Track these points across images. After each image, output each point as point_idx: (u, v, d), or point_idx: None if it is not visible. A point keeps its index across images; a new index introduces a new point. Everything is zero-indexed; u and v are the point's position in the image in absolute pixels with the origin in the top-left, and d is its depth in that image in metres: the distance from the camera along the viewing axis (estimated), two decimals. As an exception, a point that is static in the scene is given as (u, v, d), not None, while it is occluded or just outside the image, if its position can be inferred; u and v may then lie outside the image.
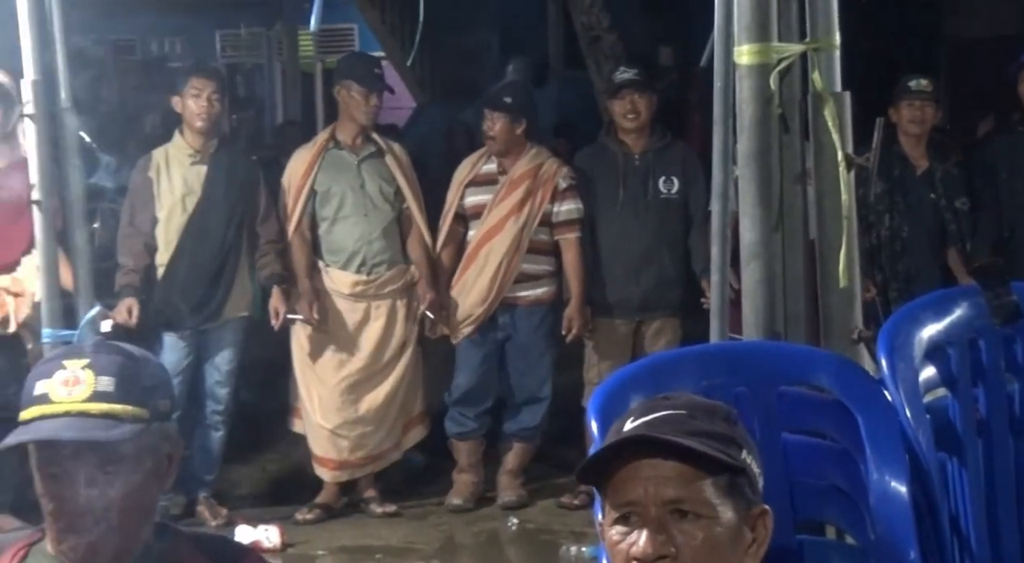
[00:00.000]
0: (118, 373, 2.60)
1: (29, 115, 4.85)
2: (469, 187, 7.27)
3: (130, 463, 2.60)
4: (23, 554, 2.68)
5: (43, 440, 2.56)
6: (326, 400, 7.20)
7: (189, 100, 6.91)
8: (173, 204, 6.93)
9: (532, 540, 7.04)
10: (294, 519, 7.15)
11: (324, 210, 7.13)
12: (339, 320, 7.17)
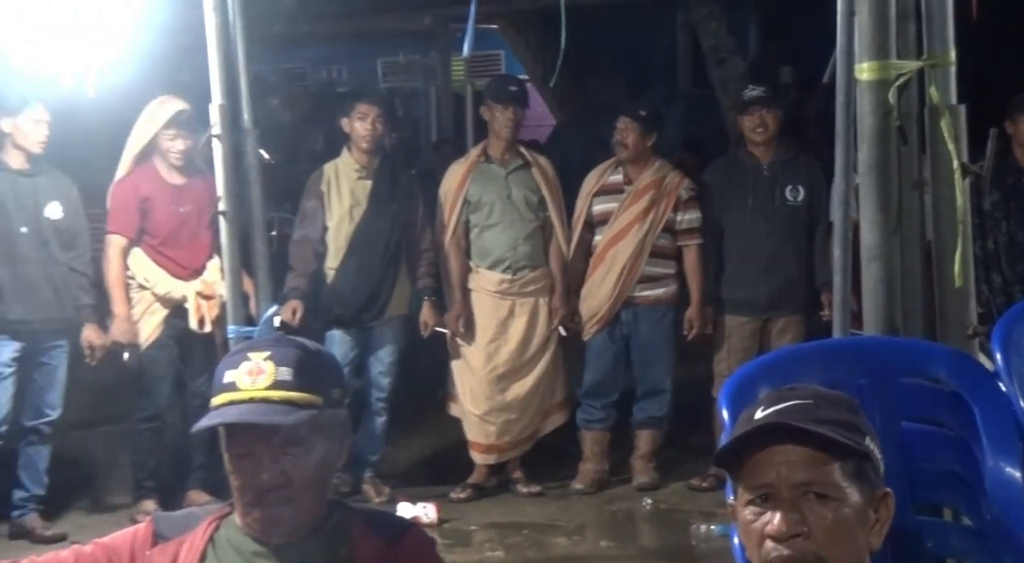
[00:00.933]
0: (296, 364, 2.63)
1: (216, 135, 4.90)
2: (596, 196, 7.23)
3: (307, 445, 2.62)
4: (216, 525, 2.71)
5: (230, 423, 2.59)
6: (476, 389, 7.23)
7: (356, 122, 6.97)
8: (342, 214, 6.98)
9: (665, 519, 6.99)
10: (449, 497, 7.16)
11: (475, 218, 7.14)
12: (487, 316, 7.17)
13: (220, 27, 4.82)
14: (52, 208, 6.56)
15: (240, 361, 2.62)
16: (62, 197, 6.63)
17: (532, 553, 6.49)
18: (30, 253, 6.50)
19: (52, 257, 6.57)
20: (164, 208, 6.77)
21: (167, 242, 6.81)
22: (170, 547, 2.70)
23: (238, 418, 2.57)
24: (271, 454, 2.59)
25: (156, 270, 6.79)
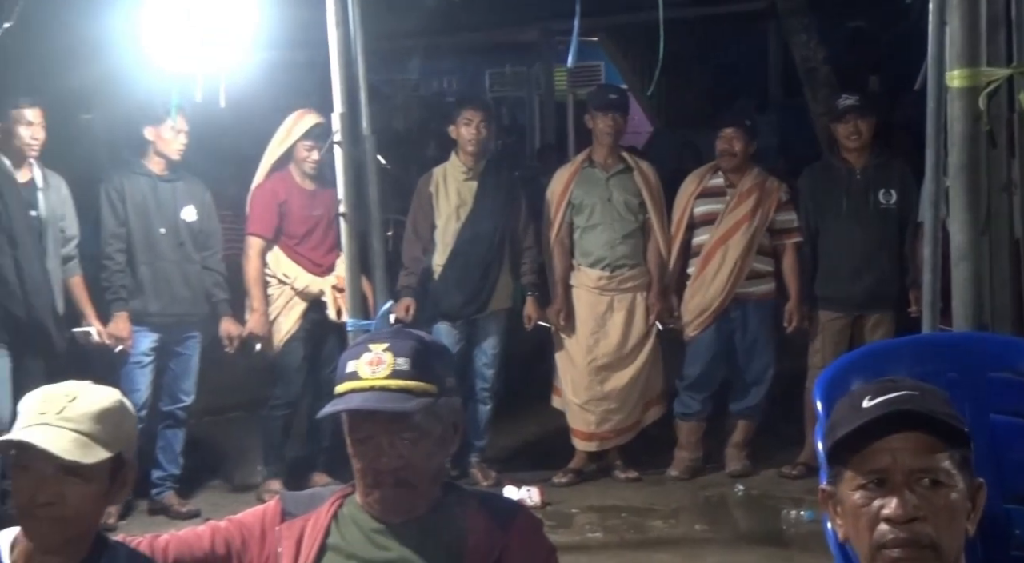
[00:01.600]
0: (413, 355, 2.64)
1: (338, 142, 4.92)
2: (698, 198, 7.19)
3: (423, 430, 2.63)
4: (339, 503, 2.74)
5: (353, 410, 2.60)
6: (577, 379, 7.22)
7: (462, 127, 7.01)
8: (449, 214, 7.02)
9: (756, 505, 6.93)
10: (552, 481, 7.18)
11: (578, 219, 7.13)
12: (588, 310, 7.15)
13: (342, 42, 4.85)
14: (188, 211, 6.69)
15: (361, 352, 2.65)
16: (197, 201, 6.75)
17: (630, 535, 6.47)
18: (168, 252, 6.62)
19: (187, 256, 6.69)
20: (299, 211, 6.88)
21: (302, 242, 6.93)
22: (297, 523, 2.73)
23: (360, 405, 2.60)
24: (390, 439, 2.61)
25: (295, 267, 6.91)
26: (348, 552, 2.67)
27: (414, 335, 2.74)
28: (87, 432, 2.48)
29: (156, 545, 2.78)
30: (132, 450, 2.62)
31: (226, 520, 2.83)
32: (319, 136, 6.65)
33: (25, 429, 2.49)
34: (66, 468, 2.45)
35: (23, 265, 6.21)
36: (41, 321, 6.27)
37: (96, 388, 2.61)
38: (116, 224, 6.55)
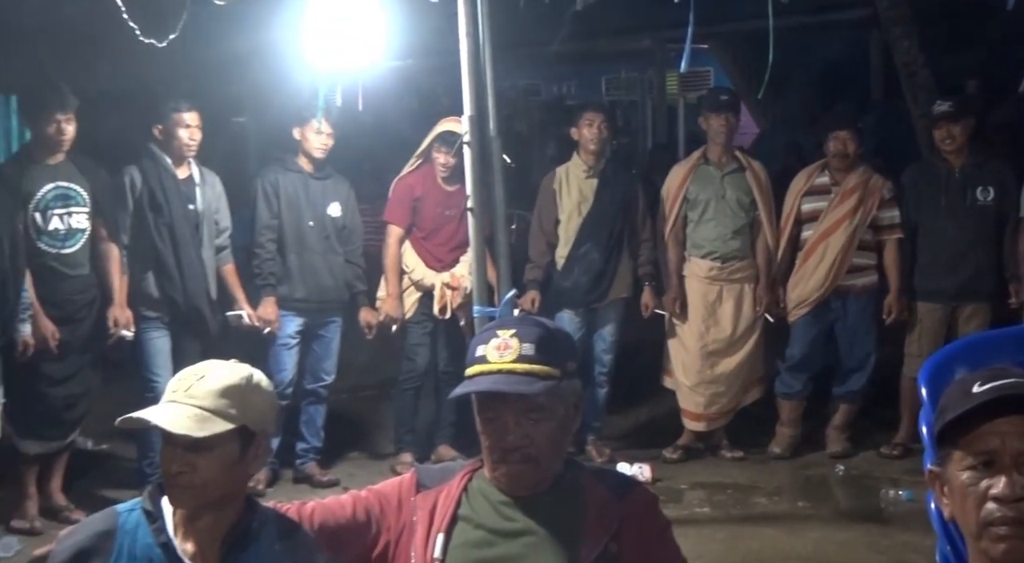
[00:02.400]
0: (537, 340, 2.66)
1: (467, 142, 4.95)
2: (805, 196, 7.13)
3: (546, 411, 2.65)
4: (469, 477, 2.76)
5: (482, 391, 2.63)
6: (688, 363, 7.20)
7: (584, 128, 7.02)
8: (571, 209, 7.03)
9: (856, 484, 6.87)
10: (663, 456, 7.18)
11: (692, 213, 7.11)
12: (699, 299, 7.13)
13: (471, 50, 4.87)
14: (334, 207, 6.81)
15: (490, 338, 2.67)
16: (342, 199, 6.86)
17: (736, 511, 6.44)
18: (314, 244, 6.73)
19: (331, 248, 6.80)
20: (432, 208, 6.95)
21: (429, 237, 6.99)
22: (431, 494, 2.76)
23: (488, 387, 2.61)
24: (516, 418, 2.63)
25: (416, 259, 6.98)
26: (477, 522, 2.69)
27: (539, 322, 2.75)
28: (208, 407, 2.51)
29: (303, 511, 2.83)
30: (263, 422, 2.62)
31: (366, 490, 2.87)
32: (449, 141, 6.68)
33: (155, 407, 2.55)
34: (193, 441, 2.49)
35: (181, 254, 6.35)
36: (197, 305, 6.41)
37: (226, 366, 2.63)
38: (270, 216, 6.68)
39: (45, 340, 5.98)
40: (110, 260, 6.24)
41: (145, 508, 2.62)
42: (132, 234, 6.34)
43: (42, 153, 6.08)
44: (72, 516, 6.09)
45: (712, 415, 7.22)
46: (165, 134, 6.36)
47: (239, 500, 2.64)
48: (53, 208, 6.03)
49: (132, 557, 2.56)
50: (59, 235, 6.07)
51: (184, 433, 2.48)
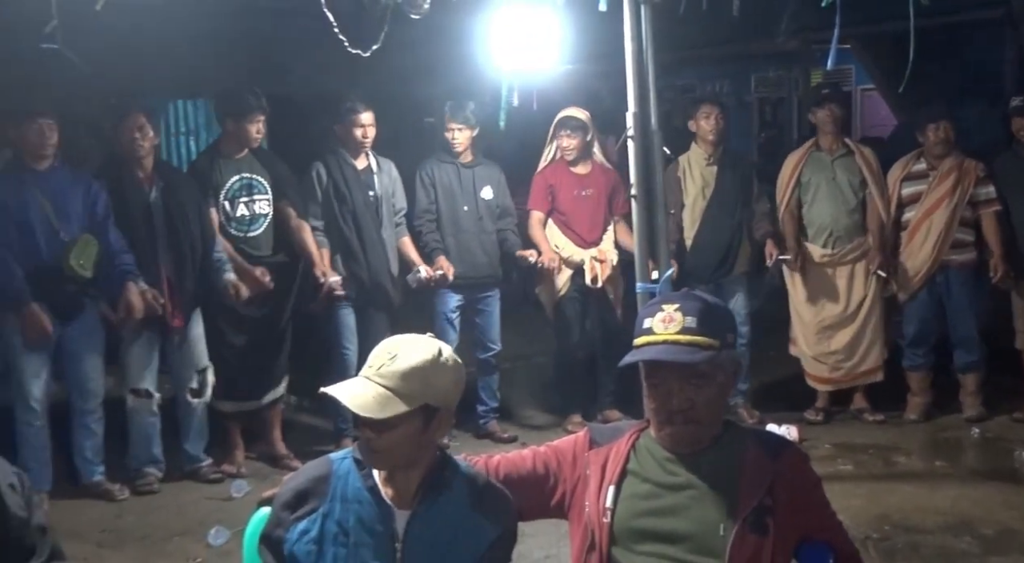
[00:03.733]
0: (699, 314, 2.65)
1: (631, 136, 4.92)
2: (904, 181, 7.00)
3: (707, 378, 2.64)
4: (637, 436, 2.77)
5: (648, 360, 2.63)
6: (807, 335, 7.16)
7: (701, 121, 7.01)
8: (696, 194, 7.00)
9: (990, 446, 6.67)
10: (805, 420, 7.06)
11: (805, 196, 7.05)
12: (814, 279, 7.08)
13: (636, 53, 4.84)
14: (486, 191, 6.89)
15: (656, 311, 2.67)
16: (493, 182, 6.93)
17: (877, 469, 6.31)
18: (469, 226, 6.81)
19: (484, 228, 6.87)
20: (567, 192, 6.98)
21: (571, 218, 7.00)
22: (602, 451, 2.77)
23: (654, 356, 2.61)
24: (679, 384, 2.62)
25: (564, 239, 7.00)
26: (644, 476, 2.70)
27: (701, 297, 2.74)
28: (393, 388, 2.53)
29: (490, 463, 2.87)
30: (446, 399, 2.61)
31: (544, 446, 2.90)
32: (573, 127, 6.87)
33: (349, 383, 2.59)
34: (376, 420, 2.52)
35: (364, 236, 6.48)
36: (380, 281, 6.53)
37: (417, 345, 2.61)
38: (428, 202, 6.78)
39: (258, 281, 6.17)
40: (303, 232, 6.39)
41: (355, 457, 2.69)
42: (321, 221, 6.47)
43: (230, 149, 6.29)
44: (291, 463, 6.29)
45: (837, 378, 7.14)
46: (344, 131, 6.49)
47: (430, 456, 2.68)
48: (239, 197, 6.27)
49: (344, 498, 2.63)
50: (244, 220, 6.30)
51: (367, 415, 2.52)
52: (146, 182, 6.01)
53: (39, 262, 5.65)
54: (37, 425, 5.76)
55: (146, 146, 5.98)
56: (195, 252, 6.05)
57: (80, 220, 5.77)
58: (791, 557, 2.68)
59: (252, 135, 6.29)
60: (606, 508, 2.67)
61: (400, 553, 2.58)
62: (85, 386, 5.92)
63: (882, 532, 5.34)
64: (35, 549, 2.73)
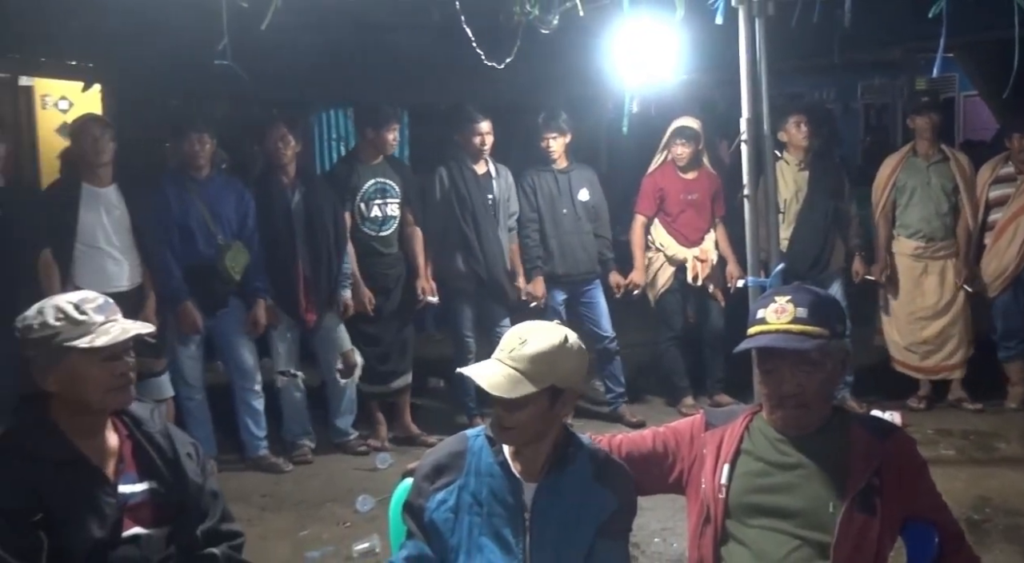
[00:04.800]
0: (810, 305, 2.61)
1: (745, 141, 4.85)
2: (992, 185, 6.77)
3: (817, 365, 2.60)
4: (750, 418, 2.74)
5: (762, 347, 2.60)
6: (899, 327, 6.97)
7: (791, 129, 6.85)
8: (790, 198, 6.85)
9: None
10: (908, 406, 6.89)
11: (900, 199, 6.86)
12: (906, 273, 6.89)
13: (750, 63, 4.77)
14: (582, 193, 6.85)
15: (769, 302, 2.64)
16: (588, 184, 6.90)
17: (978, 454, 6.12)
18: (569, 227, 6.77)
19: (581, 228, 6.81)
20: (675, 196, 6.93)
21: (676, 219, 6.95)
22: (717, 432, 2.75)
23: (768, 344, 2.58)
24: (791, 371, 2.59)
25: (669, 238, 6.96)
26: (757, 456, 2.67)
27: (812, 290, 2.70)
28: (522, 370, 2.54)
29: (612, 442, 2.87)
30: (571, 380, 2.61)
31: (664, 427, 2.89)
32: (688, 136, 6.82)
33: (483, 363, 2.61)
34: (507, 399, 2.54)
35: (482, 236, 6.52)
36: (496, 277, 6.56)
37: (546, 331, 2.62)
38: (530, 210, 6.75)
39: (363, 304, 6.29)
40: (416, 241, 6.50)
41: (487, 434, 2.71)
42: (444, 222, 6.52)
43: (368, 155, 6.40)
44: (426, 440, 6.37)
45: (927, 368, 6.96)
46: (464, 139, 6.54)
47: (556, 433, 2.68)
48: (373, 199, 6.38)
49: (478, 472, 2.66)
50: (377, 221, 6.40)
51: (499, 394, 2.54)
52: (289, 187, 6.17)
53: (195, 261, 5.87)
54: (197, 399, 6.01)
55: (288, 154, 6.14)
56: (330, 253, 6.21)
57: (232, 225, 5.98)
58: (897, 535, 2.62)
59: (389, 142, 6.42)
60: (721, 485, 2.65)
61: (528, 522, 2.60)
62: (242, 367, 6.10)
63: (983, 514, 5.19)
64: (209, 511, 2.82)
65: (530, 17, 4.98)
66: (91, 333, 2.61)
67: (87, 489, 2.62)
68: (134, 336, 2.66)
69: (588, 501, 2.62)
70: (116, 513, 2.64)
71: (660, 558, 4.79)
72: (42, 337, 2.61)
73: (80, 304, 2.64)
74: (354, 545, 4.94)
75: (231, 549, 2.84)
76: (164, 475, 2.74)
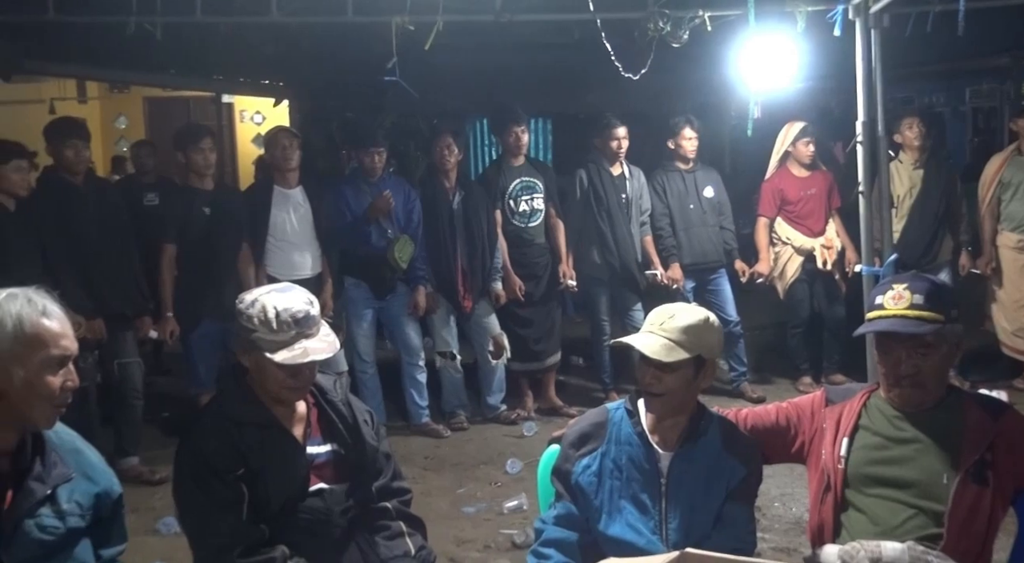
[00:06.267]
0: (925, 292, 2.52)
1: (860, 142, 4.69)
2: None
3: (932, 348, 2.52)
4: (868, 395, 2.67)
5: (879, 331, 2.53)
6: (1007, 315, 6.64)
7: (906, 131, 6.61)
8: (904, 193, 6.61)
9: None
10: (1014, 387, 6.56)
11: (1004, 195, 6.55)
12: (1010, 264, 6.57)
13: (865, 70, 4.61)
14: (708, 190, 6.74)
15: (887, 289, 2.56)
16: (712, 182, 6.79)
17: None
18: (696, 221, 6.66)
19: (707, 222, 6.70)
20: (795, 193, 6.76)
21: (799, 214, 6.77)
22: (836, 408, 2.68)
23: (886, 328, 2.50)
24: (907, 352, 2.51)
25: (794, 232, 6.78)
26: (874, 430, 2.59)
27: (927, 278, 2.60)
28: (674, 339, 2.54)
29: (739, 415, 2.82)
30: (712, 352, 2.61)
31: (786, 402, 2.83)
32: (809, 133, 6.68)
33: (636, 335, 2.60)
34: (662, 363, 2.53)
35: (616, 232, 6.49)
36: (628, 268, 6.51)
37: (690, 309, 2.65)
38: (662, 207, 6.67)
39: (514, 292, 6.32)
40: (559, 232, 6.51)
41: (627, 407, 2.69)
42: (582, 218, 6.50)
43: (510, 158, 6.44)
44: (568, 411, 6.38)
45: None
46: (602, 143, 6.51)
47: (693, 405, 2.66)
48: (521, 196, 6.42)
49: (618, 441, 2.64)
50: (525, 215, 6.43)
51: (657, 358, 2.53)
52: (451, 190, 6.27)
53: (368, 251, 6.02)
54: (370, 372, 6.16)
55: (451, 161, 6.24)
56: (484, 249, 6.29)
57: (400, 222, 6.10)
58: (1009, 504, 2.51)
59: (523, 142, 6.43)
60: (840, 456, 2.58)
61: (664, 487, 2.58)
62: (408, 345, 6.21)
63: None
64: (383, 470, 2.88)
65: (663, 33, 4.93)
66: (278, 347, 2.58)
67: (281, 450, 2.69)
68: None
69: (719, 469, 2.59)
70: (304, 471, 2.71)
71: (780, 520, 4.69)
72: (243, 326, 2.63)
73: (282, 313, 2.59)
74: (504, 502, 4.98)
75: (400, 504, 2.90)
76: (345, 438, 2.80)
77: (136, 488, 5.11)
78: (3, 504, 2.15)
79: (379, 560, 2.77)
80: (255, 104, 12.37)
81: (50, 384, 2.16)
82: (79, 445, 2.35)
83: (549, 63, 7.06)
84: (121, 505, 2.40)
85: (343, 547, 2.76)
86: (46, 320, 2.17)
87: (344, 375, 5.64)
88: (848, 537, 2.48)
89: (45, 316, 2.17)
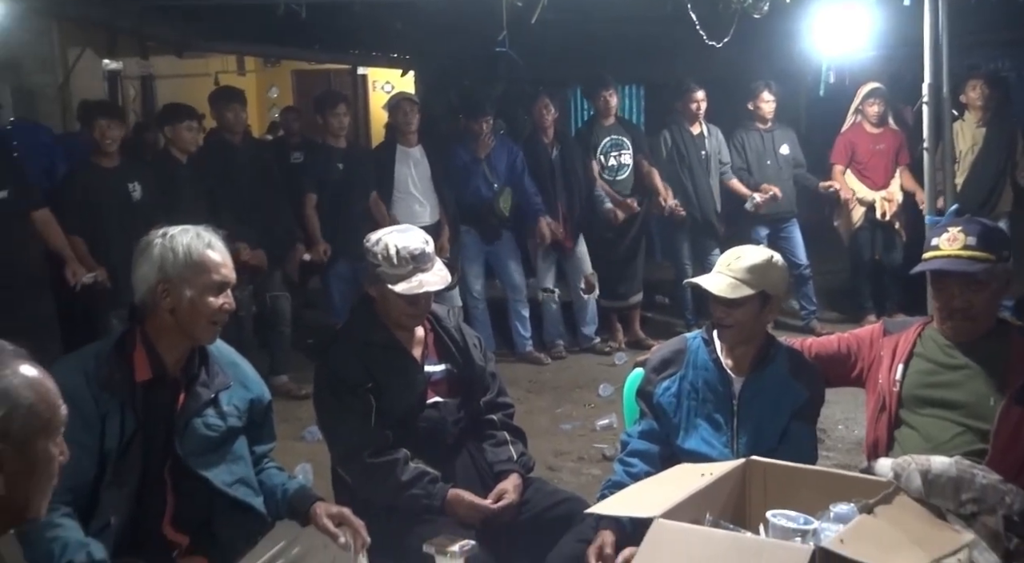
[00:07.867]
0: (978, 234, 2.43)
1: (926, 102, 4.48)
2: None
3: (983, 285, 2.43)
4: (923, 327, 2.59)
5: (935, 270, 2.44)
6: None
7: (969, 92, 6.27)
8: (966, 150, 6.28)
9: None
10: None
11: None
12: None
13: (932, 38, 4.39)
14: (784, 148, 6.62)
15: (942, 232, 2.47)
16: (789, 141, 6.68)
17: None
18: (772, 175, 6.52)
19: (782, 176, 6.58)
20: (864, 148, 6.57)
21: (866, 168, 6.60)
22: (893, 337, 2.61)
23: (941, 266, 2.43)
24: (960, 289, 2.42)
25: (860, 184, 6.62)
26: (928, 357, 2.52)
27: (980, 221, 2.50)
28: (740, 278, 2.49)
29: (804, 344, 2.78)
30: (777, 289, 2.55)
31: (848, 333, 2.77)
32: (878, 93, 6.50)
33: (707, 276, 2.57)
34: (728, 300, 2.49)
35: (697, 184, 6.44)
36: (708, 217, 6.47)
37: (756, 250, 2.60)
38: (740, 162, 6.56)
39: (629, 209, 6.29)
40: (654, 174, 6.41)
41: (703, 336, 2.68)
42: (667, 173, 6.43)
43: (600, 119, 6.39)
44: (651, 344, 6.34)
45: None
46: (683, 105, 6.45)
47: (761, 337, 2.62)
48: (611, 152, 6.37)
49: (695, 366, 2.63)
50: (614, 169, 6.39)
51: (723, 295, 2.51)
52: (550, 145, 6.28)
53: (476, 201, 6.08)
54: (480, 308, 6.23)
55: (548, 119, 6.25)
56: (580, 194, 6.27)
57: (504, 174, 6.13)
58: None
59: (612, 105, 6.37)
60: (896, 380, 2.52)
61: (736, 408, 2.57)
62: (513, 284, 6.28)
63: None
64: (489, 387, 2.93)
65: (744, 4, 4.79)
66: (398, 279, 2.64)
67: (402, 368, 2.76)
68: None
69: (785, 392, 2.55)
70: (422, 386, 2.78)
71: (842, 441, 4.62)
72: (370, 262, 2.70)
73: (401, 250, 2.65)
74: (596, 421, 5.02)
75: (505, 417, 2.95)
76: (457, 359, 2.85)
77: (286, 402, 5.31)
78: (177, 405, 2.28)
79: (486, 463, 2.83)
80: (386, 75, 12.47)
81: (211, 304, 2.26)
82: (236, 359, 2.46)
83: (642, 34, 6.93)
84: (271, 410, 2.51)
85: (455, 452, 2.83)
86: (210, 251, 2.27)
87: (455, 307, 5.73)
88: (900, 452, 2.43)
89: (210, 248, 2.27)
